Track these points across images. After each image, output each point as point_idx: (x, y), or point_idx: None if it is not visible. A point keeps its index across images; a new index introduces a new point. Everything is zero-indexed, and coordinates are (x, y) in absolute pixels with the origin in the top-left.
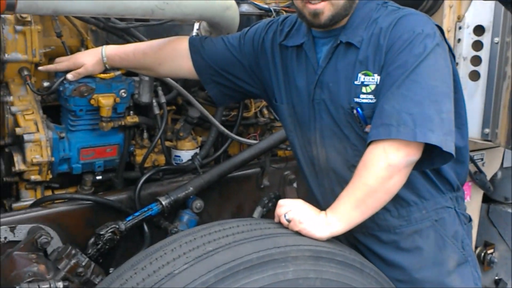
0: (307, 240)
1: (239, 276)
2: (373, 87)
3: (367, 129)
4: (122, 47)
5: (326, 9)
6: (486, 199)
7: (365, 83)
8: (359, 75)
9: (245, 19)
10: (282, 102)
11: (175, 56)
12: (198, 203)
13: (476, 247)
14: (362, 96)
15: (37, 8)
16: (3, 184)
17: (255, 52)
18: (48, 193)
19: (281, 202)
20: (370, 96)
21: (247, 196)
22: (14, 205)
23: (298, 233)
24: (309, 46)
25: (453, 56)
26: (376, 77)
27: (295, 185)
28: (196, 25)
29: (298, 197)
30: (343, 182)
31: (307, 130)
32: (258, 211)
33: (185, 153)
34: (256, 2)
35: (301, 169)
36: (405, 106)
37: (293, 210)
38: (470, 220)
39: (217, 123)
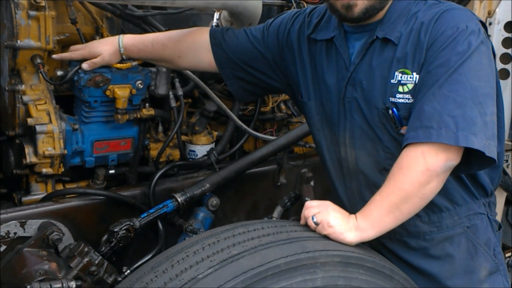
0: (336, 245)
1: (267, 282)
2: (411, 86)
3: (402, 130)
4: (140, 37)
5: (359, 2)
6: (506, 202)
7: (402, 81)
8: (396, 73)
9: (266, 9)
10: (309, 98)
11: (195, 49)
12: (214, 201)
13: None
14: (398, 95)
15: None
16: (13, 176)
17: (280, 45)
18: (59, 186)
19: (309, 203)
20: (407, 96)
21: (263, 194)
22: (24, 199)
23: (326, 237)
24: (341, 41)
25: (494, 55)
26: (415, 76)
27: (312, 183)
28: (216, 15)
29: (315, 196)
30: (372, 185)
31: (335, 130)
32: (278, 211)
33: (200, 148)
34: None
35: (326, 170)
36: (447, 107)
37: (322, 212)
38: (500, 227)
39: (234, 117)
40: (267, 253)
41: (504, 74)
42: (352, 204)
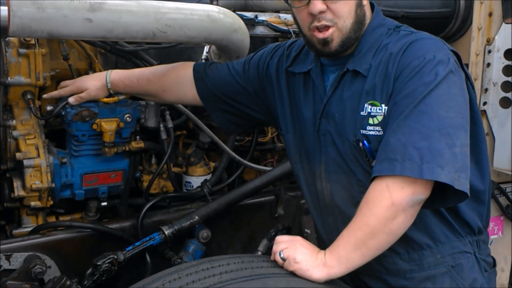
0: (302, 282)
1: None
2: (380, 118)
3: (374, 164)
4: (127, 73)
5: (335, 36)
6: None
7: (372, 113)
8: (366, 105)
9: (260, 42)
10: (287, 131)
11: (179, 83)
12: (204, 233)
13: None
14: (369, 128)
15: (30, 31)
16: (5, 209)
17: (260, 78)
18: (52, 219)
19: (279, 238)
20: (378, 128)
21: (260, 225)
22: (15, 231)
23: (293, 274)
24: (317, 74)
25: (471, 84)
26: (384, 107)
27: None
28: (206, 48)
29: (316, 228)
30: (348, 220)
31: (312, 163)
32: (263, 244)
33: (196, 179)
34: (275, 24)
35: (307, 204)
36: (411, 139)
37: (289, 247)
38: (494, 265)
39: (227, 149)
40: None
41: (505, 102)
42: (330, 238)
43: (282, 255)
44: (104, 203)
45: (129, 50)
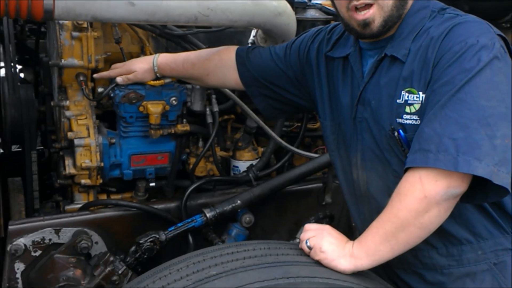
0: (326, 272)
1: None
2: (417, 106)
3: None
4: (173, 56)
5: (376, 16)
6: None
7: (409, 101)
8: (403, 92)
9: (311, 26)
10: (325, 118)
11: (222, 68)
12: (247, 217)
13: None
14: (405, 116)
15: (75, 15)
16: (61, 186)
17: (301, 63)
18: (103, 197)
19: (307, 226)
20: (414, 117)
21: (306, 212)
22: (67, 207)
23: (318, 263)
24: (355, 58)
25: None
26: (421, 95)
27: None
28: (253, 32)
29: (351, 217)
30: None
31: (349, 151)
32: (301, 231)
33: (243, 164)
34: (327, 6)
35: (342, 193)
36: (448, 129)
37: (316, 236)
38: None
39: (273, 134)
40: (244, 276)
41: None
42: (364, 228)
43: (308, 244)
44: (152, 184)
45: (178, 34)
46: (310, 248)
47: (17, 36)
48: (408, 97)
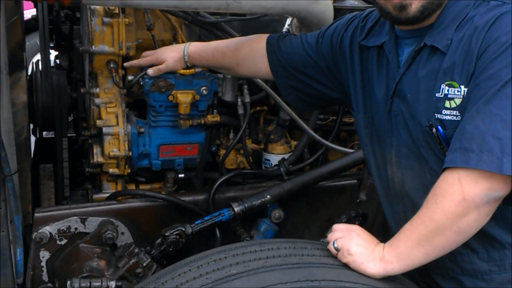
0: (353, 276)
1: None
2: (458, 101)
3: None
4: (204, 45)
5: (414, 0)
6: None
7: (449, 96)
8: (442, 86)
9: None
10: (358, 111)
11: (252, 57)
12: (277, 213)
13: None
14: (444, 112)
15: (103, 0)
16: (90, 174)
17: (333, 52)
18: (132, 186)
19: (336, 226)
20: (455, 112)
21: (339, 209)
22: (95, 196)
23: (346, 266)
24: (390, 47)
25: None
26: (463, 89)
27: None
28: (288, 21)
29: (384, 216)
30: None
31: (383, 146)
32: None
33: (275, 157)
34: None
35: (376, 190)
36: (492, 127)
37: (345, 237)
38: None
39: (306, 127)
40: (265, 277)
41: None
42: (398, 229)
43: (336, 245)
44: (181, 175)
45: (211, 21)
46: (337, 249)
47: (53, 22)
48: (448, 91)
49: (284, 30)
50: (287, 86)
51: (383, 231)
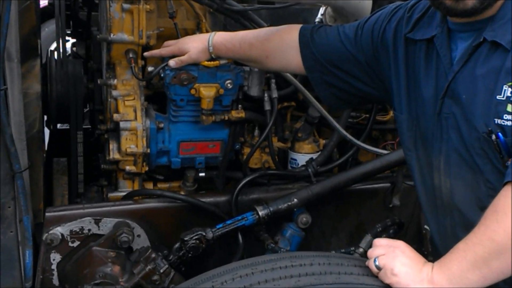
0: None
1: None
2: None
3: (510, 162)
4: (230, 35)
5: None
6: None
7: None
8: (505, 87)
9: (388, 3)
10: (401, 111)
11: (283, 49)
12: (304, 218)
13: None
14: (506, 117)
15: None
16: (104, 171)
17: (374, 46)
18: (150, 185)
19: (376, 241)
20: None
21: (370, 214)
22: (110, 195)
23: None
24: (442, 41)
25: None
26: None
27: None
28: (321, 10)
29: (429, 230)
30: (470, 226)
31: (430, 152)
32: (366, 240)
33: (303, 157)
34: None
35: (419, 199)
36: None
37: (387, 254)
38: None
39: (337, 126)
40: None
41: None
42: (445, 245)
43: (377, 263)
44: (202, 174)
45: (238, 9)
46: (379, 268)
47: (70, 8)
48: (511, 93)
49: (317, 20)
50: (321, 81)
51: (417, 241)
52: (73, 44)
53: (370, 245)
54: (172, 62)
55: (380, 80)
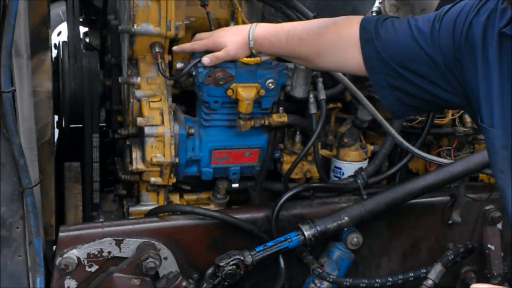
0: None
1: None
2: None
3: None
4: (274, 28)
5: None
6: None
7: None
8: None
9: None
10: (492, 124)
11: (340, 46)
12: (355, 238)
13: None
14: None
15: None
16: (124, 181)
17: (456, 43)
18: (175, 196)
19: (475, 286)
20: None
21: (426, 232)
22: (132, 209)
23: None
24: None
25: None
26: None
27: (499, 226)
28: None
29: (503, 245)
30: None
31: None
32: (436, 271)
33: (348, 166)
34: None
35: (511, 229)
36: None
37: None
38: None
39: (393, 131)
40: None
41: None
42: None
43: None
44: (235, 185)
45: None
46: None
47: None
48: None
49: (374, 9)
50: (385, 85)
51: (480, 261)
52: (85, 34)
53: (440, 277)
54: (206, 59)
55: (461, 85)
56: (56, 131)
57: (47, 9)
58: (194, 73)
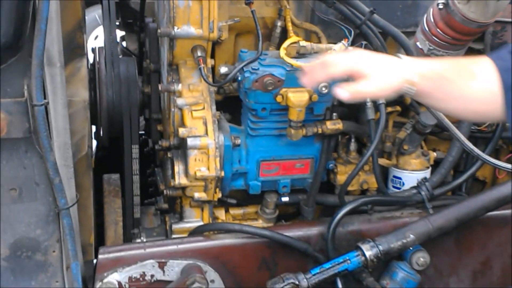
0: None
1: None
2: None
3: None
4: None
5: None
6: None
7: None
8: None
9: None
10: None
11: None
12: (421, 258)
13: None
14: None
15: None
16: (166, 196)
17: None
18: (221, 211)
19: None
20: None
21: (499, 248)
22: (175, 227)
23: None
24: None
25: None
26: None
27: None
28: None
29: None
30: None
31: None
32: None
33: (409, 175)
34: None
35: None
36: None
37: None
38: None
39: (461, 137)
40: None
41: None
42: None
43: None
44: (285, 199)
45: None
46: None
47: None
48: None
49: (441, 1)
50: None
51: None
52: (122, 38)
53: None
54: (344, 93)
55: None
56: (94, 142)
57: (82, 13)
58: (240, 78)
